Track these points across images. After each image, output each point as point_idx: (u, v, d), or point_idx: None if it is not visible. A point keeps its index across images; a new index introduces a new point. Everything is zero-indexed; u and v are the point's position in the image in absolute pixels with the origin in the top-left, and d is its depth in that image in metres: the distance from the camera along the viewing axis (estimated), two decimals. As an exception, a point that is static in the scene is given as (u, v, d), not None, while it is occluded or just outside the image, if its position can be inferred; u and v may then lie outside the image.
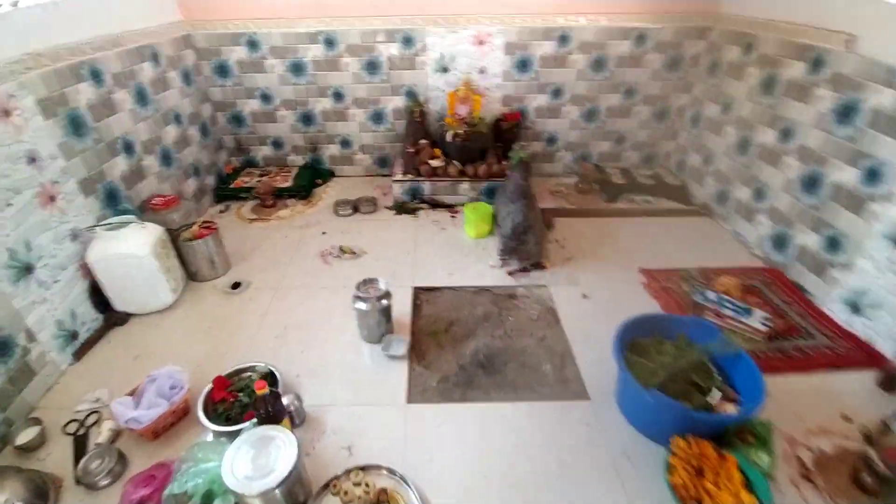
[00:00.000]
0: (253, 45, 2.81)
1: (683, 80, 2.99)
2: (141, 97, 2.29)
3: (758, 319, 1.89)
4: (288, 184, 2.98)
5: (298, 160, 3.25)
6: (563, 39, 2.81)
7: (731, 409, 1.48)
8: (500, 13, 2.73)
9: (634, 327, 1.61)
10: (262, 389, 1.28)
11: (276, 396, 1.34)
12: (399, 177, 2.84)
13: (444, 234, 2.62)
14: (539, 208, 2.51)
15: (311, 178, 3.12)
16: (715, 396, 1.50)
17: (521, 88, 2.98)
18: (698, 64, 2.93)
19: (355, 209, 2.81)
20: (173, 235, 2.09)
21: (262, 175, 3.09)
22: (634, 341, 1.63)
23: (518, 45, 2.83)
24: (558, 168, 3.32)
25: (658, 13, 2.77)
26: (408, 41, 2.80)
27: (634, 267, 2.33)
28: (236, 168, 3.18)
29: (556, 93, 3.00)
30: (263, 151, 3.21)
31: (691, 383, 1.50)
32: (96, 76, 2.01)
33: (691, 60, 2.92)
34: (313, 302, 2.09)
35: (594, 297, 2.14)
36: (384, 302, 1.78)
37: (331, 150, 3.22)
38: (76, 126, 1.88)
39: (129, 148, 2.18)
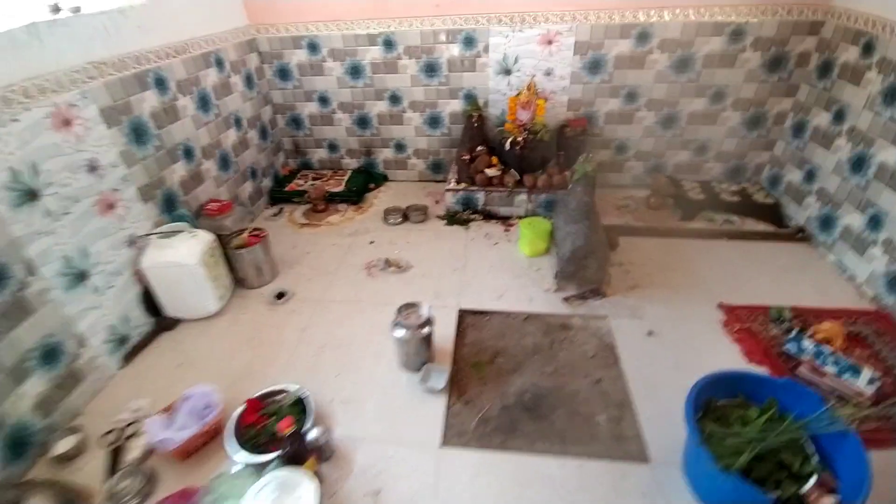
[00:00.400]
0: (313, 47, 2.78)
1: (786, 82, 2.58)
2: (203, 103, 2.32)
3: (865, 380, 1.57)
4: (340, 188, 2.94)
5: (353, 163, 3.21)
6: (643, 37, 2.52)
7: (828, 502, 1.21)
8: (571, 9, 2.49)
9: (712, 386, 1.37)
10: (287, 429, 1.20)
11: (301, 437, 1.26)
12: (452, 185, 2.70)
13: (496, 249, 2.45)
14: (602, 227, 2.26)
15: (364, 182, 3.07)
16: (810, 484, 1.23)
17: (591, 92, 2.72)
18: (807, 64, 2.52)
19: (405, 217, 2.71)
20: (223, 242, 2.10)
21: (315, 178, 3.08)
22: (712, 402, 1.39)
23: (590, 45, 2.57)
24: (627, 179, 3.02)
25: (760, 5, 2.39)
26: (469, 41, 2.64)
27: (712, 300, 2.04)
28: (293, 170, 3.20)
29: (630, 97, 2.71)
30: (319, 154, 3.20)
31: (782, 465, 1.24)
32: (161, 84, 2.04)
33: (798, 59, 2.51)
34: (354, 319, 2.01)
35: (661, 335, 1.88)
36: (425, 330, 1.66)
37: (385, 154, 3.14)
38: (138, 134, 1.91)
39: (188, 153, 2.21)
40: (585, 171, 2.16)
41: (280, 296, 2.14)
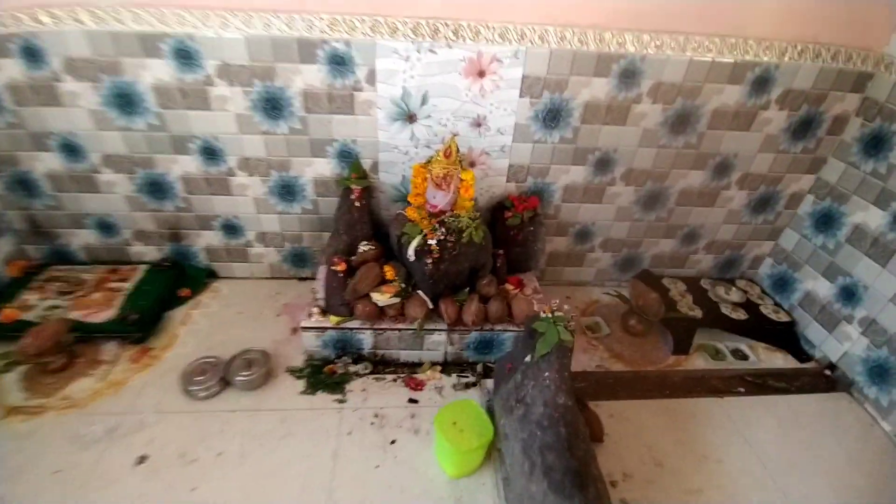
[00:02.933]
0: (32, 55, 1.41)
1: (811, 154, 1.78)
2: None
3: None
4: (110, 313, 1.60)
5: (150, 252, 1.87)
6: (628, 76, 1.54)
7: None
8: (520, 21, 1.44)
9: None
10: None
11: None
12: (313, 320, 1.52)
13: (392, 461, 1.32)
14: (580, 412, 1.23)
15: (167, 287, 1.76)
16: None
17: (544, 155, 1.70)
18: (840, 131, 1.73)
19: (225, 382, 1.47)
20: None
21: (68, 288, 1.69)
22: None
23: (546, 82, 1.54)
24: (588, 275, 2.07)
25: (795, 41, 1.53)
26: (339, 63, 1.47)
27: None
28: (34, 266, 1.78)
29: (603, 164, 1.74)
30: (82, 238, 1.81)
31: None
32: None
33: (833, 125, 1.72)
34: None
35: None
36: None
37: (207, 239, 1.85)
38: None
39: None
40: (556, 341, 1.12)
41: None
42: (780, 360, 1.81)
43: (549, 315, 1.16)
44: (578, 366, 1.67)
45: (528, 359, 1.18)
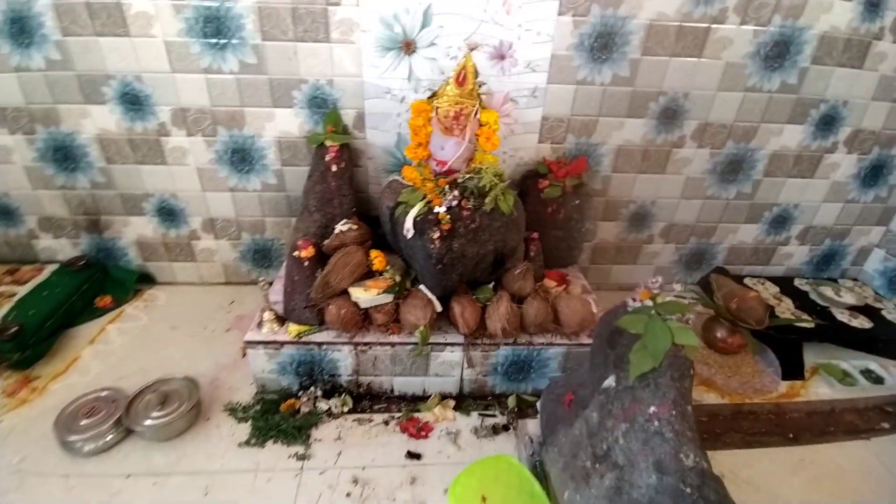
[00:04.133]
0: None
1: (951, 98, 1.32)
2: None
3: None
4: (-20, 326, 1.12)
5: (65, 248, 1.40)
6: (709, -17, 1.11)
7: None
8: None
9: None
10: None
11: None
12: (262, 333, 1.03)
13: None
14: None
15: (81, 291, 1.28)
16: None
17: (592, 101, 1.24)
18: None
19: (124, 428, 0.96)
20: None
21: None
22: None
23: (597, -8, 1.11)
24: (643, 275, 1.56)
25: None
26: (306, -36, 1.04)
27: None
28: None
29: (669, 116, 1.28)
30: (-31, 227, 1.35)
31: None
32: None
33: None
34: None
35: None
36: None
37: (137, 228, 1.38)
38: None
39: None
40: (668, 346, 0.62)
41: None
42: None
43: (649, 303, 0.66)
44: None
45: (609, 382, 0.68)
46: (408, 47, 1.14)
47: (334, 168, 1.16)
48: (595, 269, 1.55)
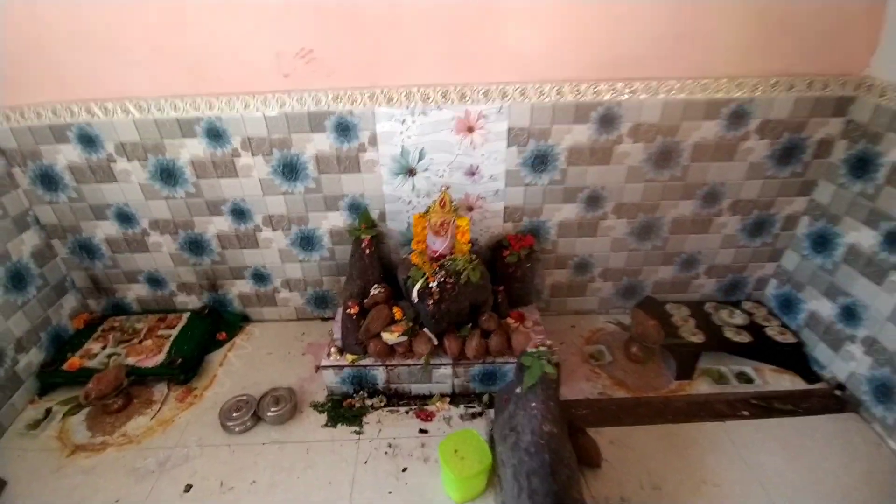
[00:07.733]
0: (88, 141, 1.69)
1: (800, 178, 1.84)
2: None
3: None
4: (160, 358, 1.83)
5: (192, 302, 2.11)
6: (607, 121, 1.67)
7: None
8: (498, 80, 1.60)
9: None
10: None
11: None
12: (331, 359, 1.69)
13: (402, 484, 1.45)
14: (568, 439, 1.32)
15: (207, 332, 1.98)
16: None
17: (536, 196, 1.84)
18: (828, 154, 1.78)
19: (257, 417, 1.65)
20: None
21: (123, 338, 1.94)
22: None
23: (531, 132, 1.69)
24: (592, 303, 2.15)
25: (767, 75, 1.62)
26: (344, 130, 1.67)
27: None
28: (95, 318, 2.05)
29: (593, 201, 1.85)
30: (136, 291, 2.07)
31: None
32: None
33: (818, 149, 1.77)
34: None
35: None
36: None
37: (240, 288, 2.08)
38: None
39: None
40: (541, 374, 1.23)
41: None
42: (787, 383, 1.82)
43: (535, 350, 1.28)
44: (580, 393, 1.76)
45: (518, 390, 1.30)
46: (410, 172, 1.77)
47: (367, 251, 1.81)
48: (555, 301, 2.14)
